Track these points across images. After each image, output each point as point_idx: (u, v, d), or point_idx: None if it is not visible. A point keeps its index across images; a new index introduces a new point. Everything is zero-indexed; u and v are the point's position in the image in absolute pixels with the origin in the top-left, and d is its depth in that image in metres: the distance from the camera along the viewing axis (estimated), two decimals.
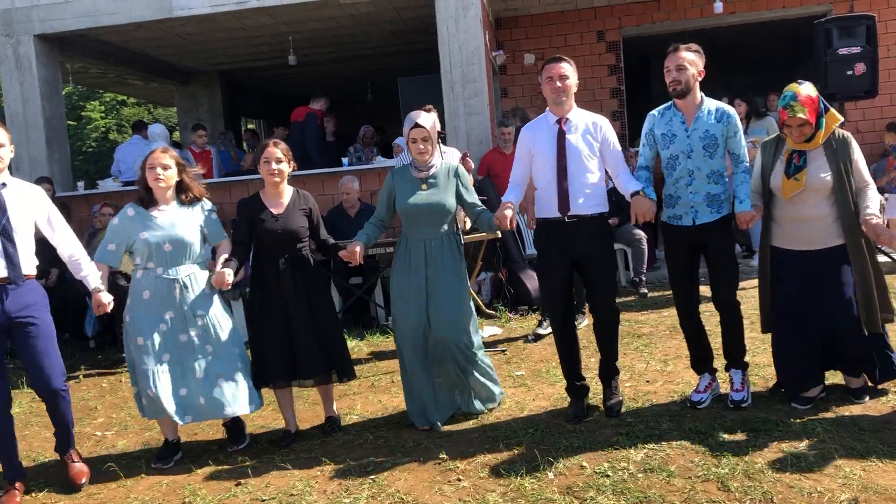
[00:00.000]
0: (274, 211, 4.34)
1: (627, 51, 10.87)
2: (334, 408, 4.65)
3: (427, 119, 4.38)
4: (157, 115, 28.64)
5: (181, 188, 4.26)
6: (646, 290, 7.65)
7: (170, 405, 4.06)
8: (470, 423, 4.47)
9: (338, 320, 4.53)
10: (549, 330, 6.16)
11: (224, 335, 4.23)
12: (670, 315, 6.62)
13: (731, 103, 8.05)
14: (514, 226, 4.24)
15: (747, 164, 4.30)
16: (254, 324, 4.42)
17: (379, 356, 6.31)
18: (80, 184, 9.54)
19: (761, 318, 4.48)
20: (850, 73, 6.67)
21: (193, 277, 4.20)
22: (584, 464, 3.75)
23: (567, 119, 4.29)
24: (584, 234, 4.25)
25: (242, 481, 3.91)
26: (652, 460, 3.72)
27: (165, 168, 4.16)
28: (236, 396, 4.19)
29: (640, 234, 7.82)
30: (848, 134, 4.18)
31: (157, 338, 4.09)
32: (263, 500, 3.67)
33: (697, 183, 4.25)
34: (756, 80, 13.84)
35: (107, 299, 4.00)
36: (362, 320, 7.54)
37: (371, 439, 4.35)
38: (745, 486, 3.39)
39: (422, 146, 4.36)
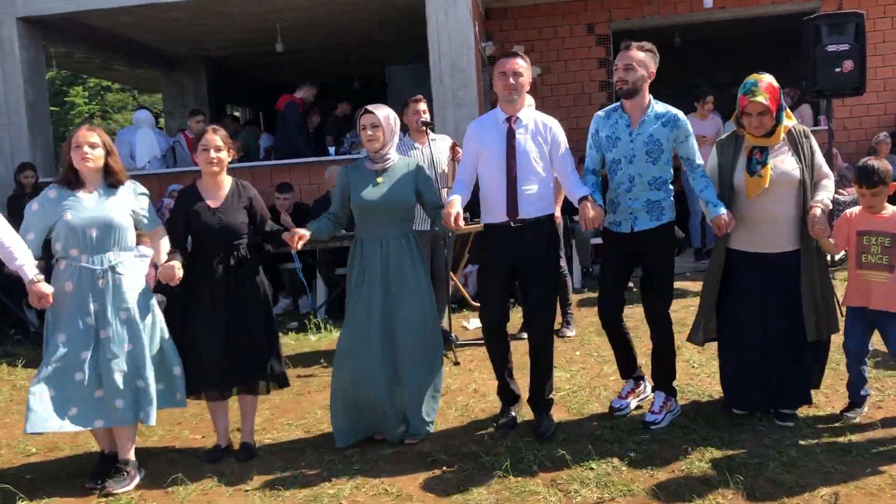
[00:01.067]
0: (211, 204, 3.99)
1: (617, 44, 10.84)
2: (252, 430, 4.20)
3: (381, 109, 4.13)
4: (141, 102, 28.37)
5: (108, 171, 3.85)
6: (631, 284, 7.65)
7: (55, 422, 3.59)
8: (454, 416, 4.47)
9: (274, 323, 4.15)
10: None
11: (149, 333, 3.83)
12: None
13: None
14: (461, 224, 3.93)
15: (703, 166, 4.11)
16: (184, 325, 4.00)
17: None
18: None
19: (694, 325, 4.22)
20: (838, 70, 6.67)
21: (121, 266, 3.79)
22: (568, 456, 3.75)
23: (517, 118, 4.07)
24: (528, 239, 4.04)
25: (226, 472, 3.88)
26: (636, 453, 3.73)
27: (93, 146, 3.77)
28: (154, 400, 3.78)
29: None
30: (806, 128, 4.05)
31: (80, 334, 3.69)
32: (247, 492, 3.65)
33: (637, 189, 4.05)
34: (744, 76, 13.86)
35: (48, 290, 3.65)
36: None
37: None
38: (727, 479, 3.40)
39: (370, 132, 4.07)
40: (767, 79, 3.92)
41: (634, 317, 6.48)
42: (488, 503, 3.40)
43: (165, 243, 3.98)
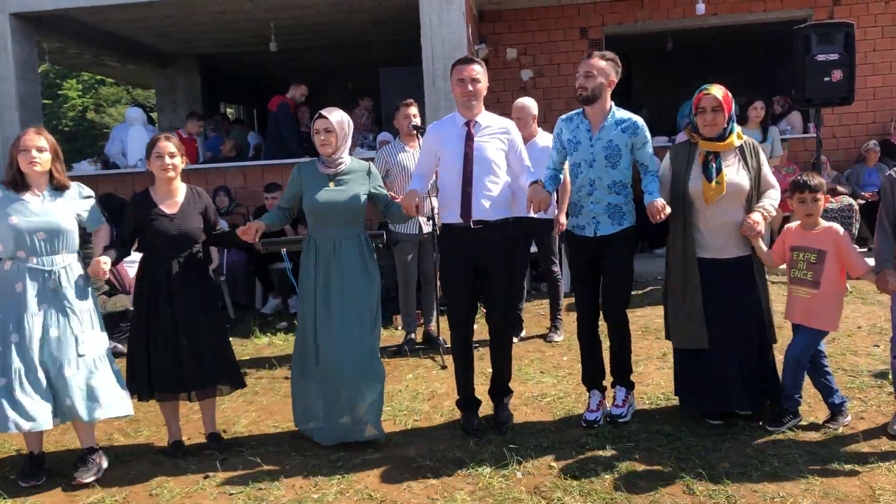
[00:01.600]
0: (167, 210, 4.06)
1: (609, 48, 10.85)
2: (214, 420, 4.32)
3: (335, 113, 4.20)
4: (135, 96, 28.29)
5: (53, 174, 3.90)
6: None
7: (23, 421, 3.68)
8: (440, 421, 4.49)
9: (225, 328, 4.28)
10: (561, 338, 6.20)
11: (96, 332, 3.93)
12: (643, 315, 6.68)
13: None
14: (422, 213, 4.19)
15: (657, 172, 4.21)
16: (139, 329, 4.07)
17: None
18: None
19: (679, 332, 4.19)
20: (827, 79, 6.72)
21: (70, 268, 3.89)
22: (553, 464, 3.78)
23: (476, 122, 4.18)
24: (487, 241, 4.13)
25: (211, 474, 3.89)
26: (620, 462, 3.76)
27: (41, 150, 3.82)
28: (109, 398, 3.85)
29: None
30: (756, 143, 4.19)
31: (28, 335, 3.74)
32: (231, 494, 3.66)
33: (598, 193, 4.18)
34: (736, 82, 13.92)
35: None
36: None
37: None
38: (709, 489, 3.43)
39: (322, 137, 4.14)
40: (719, 85, 4.07)
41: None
42: None
43: (105, 241, 4.09)
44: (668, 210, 3.99)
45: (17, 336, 3.75)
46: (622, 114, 4.23)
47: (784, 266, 4.24)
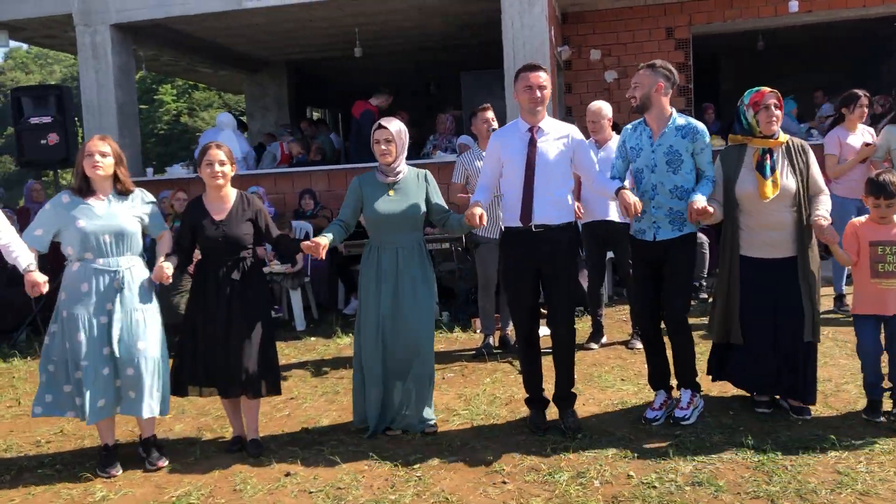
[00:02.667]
0: (215, 217, 4.18)
1: (697, 48, 10.65)
2: (257, 427, 4.38)
3: (394, 124, 4.33)
4: (227, 100, 29.24)
5: (116, 179, 4.09)
6: (706, 295, 7.52)
7: (93, 413, 3.94)
8: (518, 426, 4.47)
9: (272, 334, 4.33)
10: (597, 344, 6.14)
11: (156, 333, 4.09)
12: None
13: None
14: (484, 223, 4.18)
15: (712, 177, 4.29)
16: (194, 331, 4.21)
17: None
18: (150, 170, 9.84)
19: (716, 328, 4.42)
20: None
21: (133, 270, 4.08)
22: (632, 473, 3.72)
23: (539, 128, 4.22)
24: (548, 245, 4.18)
25: (292, 472, 3.98)
26: (701, 473, 3.67)
27: (104, 155, 4.00)
28: (159, 396, 4.08)
29: (703, 237, 7.66)
30: (805, 142, 4.26)
31: (96, 333, 3.95)
32: (311, 493, 3.74)
33: (660, 198, 4.26)
34: (830, 81, 13.39)
35: (41, 279, 3.94)
36: None
37: (419, 436, 4.38)
38: None
39: (384, 147, 4.29)
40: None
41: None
42: None
43: (167, 247, 4.22)
44: (709, 210, 4.07)
45: (84, 334, 3.94)
46: (683, 120, 4.31)
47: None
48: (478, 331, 6.62)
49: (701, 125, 4.29)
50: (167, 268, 4.02)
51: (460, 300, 7.54)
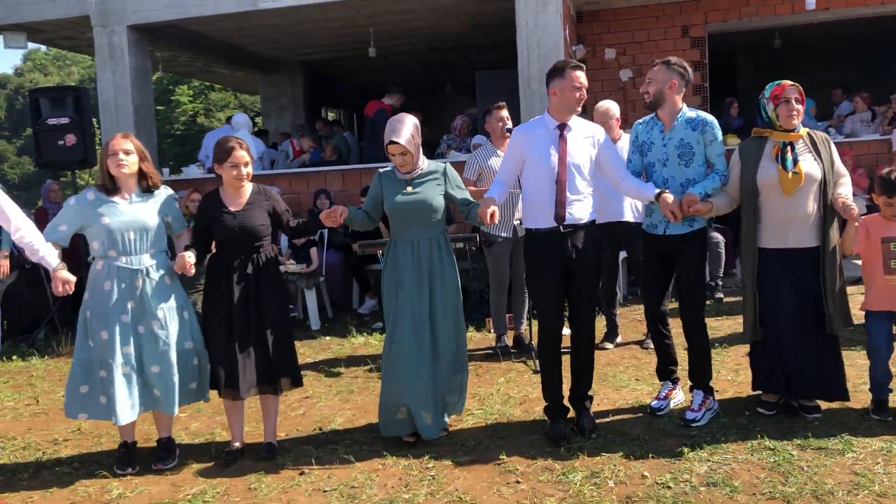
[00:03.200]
0: (232, 208, 4.15)
1: (713, 46, 10.59)
2: (275, 430, 4.33)
3: (404, 133, 4.18)
4: (242, 101, 29.37)
5: (142, 175, 4.09)
6: (721, 295, 7.48)
7: (123, 412, 3.93)
8: (532, 426, 4.46)
9: (290, 327, 4.32)
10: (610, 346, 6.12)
11: (179, 327, 4.08)
12: None
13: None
14: (496, 221, 4.16)
15: (722, 171, 4.30)
16: (210, 325, 4.18)
17: None
18: (166, 170, 9.89)
19: (745, 327, 4.38)
20: None
21: (155, 267, 4.06)
22: (646, 473, 3.71)
23: (568, 125, 4.19)
24: (576, 242, 4.16)
25: (306, 470, 4.00)
26: (716, 474, 3.65)
27: (128, 153, 4.01)
28: (186, 392, 4.10)
29: (718, 237, 7.62)
30: (825, 134, 4.29)
31: (118, 331, 3.94)
32: (325, 491, 3.75)
33: (672, 192, 4.23)
34: (848, 79, 13.29)
35: (70, 277, 3.95)
36: None
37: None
38: None
39: (400, 160, 4.24)
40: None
41: (723, 329, 6.33)
42: None
43: (186, 243, 4.20)
44: (700, 209, 4.12)
45: (107, 333, 3.94)
46: (692, 113, 4.34)
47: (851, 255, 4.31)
48: (491, 330, 6.61)
49: (710, 117, 4.31)
50: (189, 257, 3.98)
51: (474, 300, 7.54)
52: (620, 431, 4.27)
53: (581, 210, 4.16)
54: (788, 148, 4.12)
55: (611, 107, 5.94)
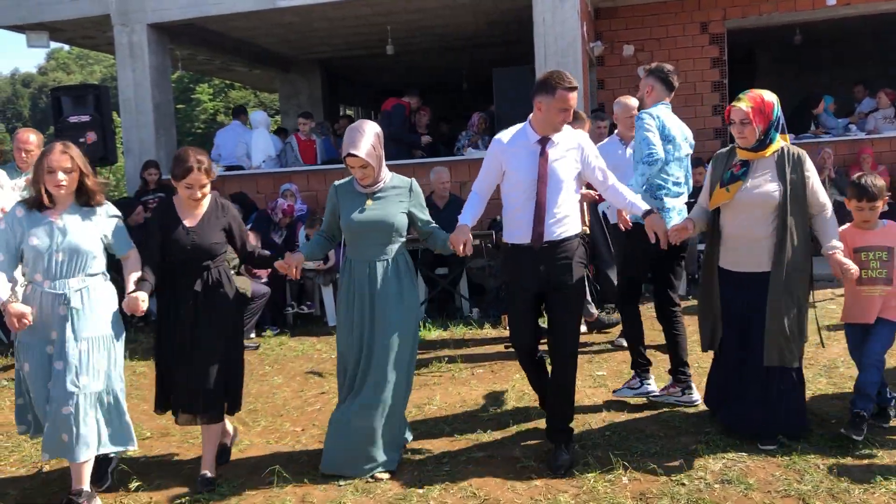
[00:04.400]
0: (187, 223, 3.85)
1: (732, 43, 10.52)
2: (213, 459, 3.96)
3: (363, 145, 3.82)
4: (262, 99, 29.53)
5: (82, 191, 3.68)
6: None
7: (46, 449, 3.57)
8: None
9: (241, 349, 4.06)
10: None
11: (105, 363, 3.65)
12: None
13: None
14: (469, 253, 3.89)
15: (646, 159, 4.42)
16: (162, 344, 3.91)
17: (460, 346, 6.35)
18: None
19: (702, 335, 4.21)
20: None
21: (86, 293, 3.64)
22: (660, 470, 3.70)
23: (550, 140, 3.87)
24: (554, 261, 3.87)
25: (321, 466, 4.02)
26: (730, 471, 3.64)
27: (67, 171, 3.60)
28: (103, 434, 3.65)
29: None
30: (803, 152, 3.92)
31: (39, 364, 3.58)
32: (340, 486, 3.78)
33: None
34: (870, 75, 13.15)
35: (24, 309, 3.50)
36: (446, 311, 7.62)
37: (448, 431, 4.41)
38: None
39: (360, 173, 3.89)
40: (759, 92, 3.94)
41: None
42: None
43: (135, 269, 3.84)
44: (683, 234, 4.08)
45: (28, 365, 3.61)
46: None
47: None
48: (507, 327, 6.61)
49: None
50: (141, 299, 3.61)
51: (490, 296, 7.55)
52: (635, 429, 4.26)
53: (562, 227, 3.89)
54: (737, 164, 3.94)
55: (632, 104, 5.74)
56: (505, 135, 4.00)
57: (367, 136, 3.86)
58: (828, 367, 5.09)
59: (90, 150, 8.23)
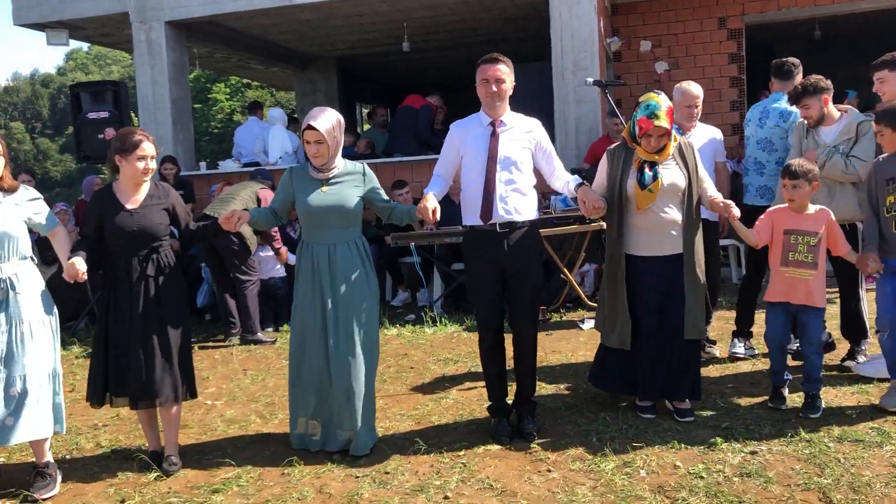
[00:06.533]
0: (128, 206, 3.86)
1: (750, 38, 10.45)
2: (175, 442, 4.03)
3: (324, 121, 3.95)
4: (279, 98, 29.65)
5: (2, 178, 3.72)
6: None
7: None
8: (564, 416, 4.45)
9: (188, 333, 4.05)
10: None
11: (42, 344, 3.74)
12: None
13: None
14: (437, 218, 3.95)
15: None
16: (99, 330, 3.93)
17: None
18: (203, 164, 10.04)
19: (608, 334, 4.34)
20: None
21: (18, 277, 3.71)
22: (678, 463, 3.68)
23: (501, 121, 4.06)
24: (512, 244, 4.00)
25: (338, 457, 4.03)
26: (749, 464, 3.61)
27: None
28: (43, 418, 3.71)
29: None
30: (689, 141, 4.31)
31: None
32: (357, 477, 3.78)
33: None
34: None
35: None
36: (462, 306, 7.61)
37: (465, 423, 4.41)
38: (849, 498, 3.24)
39: (314, 149, 3.95)
40: (665, 102, 4.10)
41: (759, 322, 6.25)
42: None
43: (65, 243, 3.91)
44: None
45: None
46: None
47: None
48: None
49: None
50: (79, 263, 3.69)
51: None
52: (653, 422, 4.24)
53: (516, 208, 4.01)
54: (647, 165, 4.09)
55: (694, 90, 5.23)
56: (460, 122, 4.22)
57: (329, 116, 3.98)
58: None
59: (108, 147, 8.32)
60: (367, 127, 13.54)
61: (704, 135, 5.28)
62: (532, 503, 3.44)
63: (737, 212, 4.03)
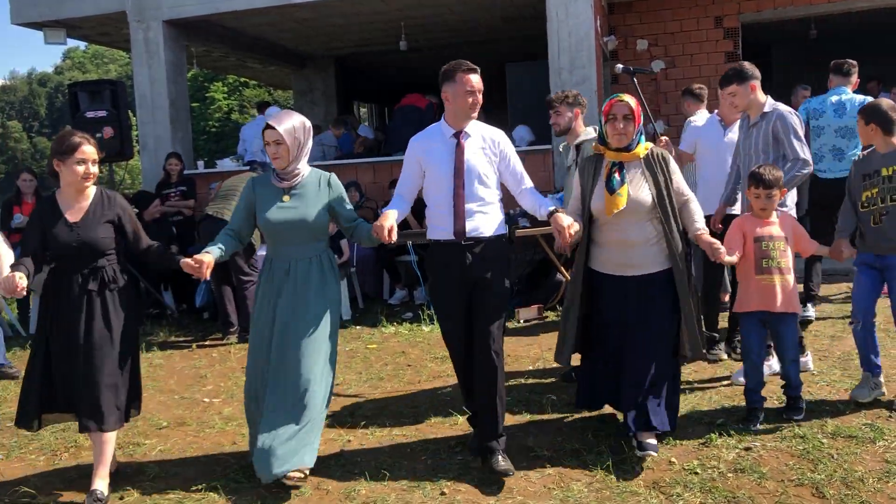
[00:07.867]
0: (70, 218, 3.63)
1: (746, 37, 10.47)
2: (107, 472, 3.67)
3: (285, 122, 3.79)
4: (277, 97, 29.65)
5: None
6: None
7: None
8: (559, 414, 4.48)
9: (135, 350, 3.82)
10: None
11: None
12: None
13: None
14: (394, 239, 3.67)
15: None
16: (37, 348, 3.69)
17: None
18: (201, 163, 10.05)
19: (563, 348, 4.05)
20: None
21: None
22: (673, 459, 3.71)
23: (465, 132, 3.84)
24: (479, 258, 3.78)
25: (336, 454, 4.06)
26: (744, 460, 3.64)
27: None
28: None
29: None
30: (666, 153, 3.98)
31: None
32: (355, 473, 3.81)
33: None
34: (889, 70, 13.05)
35: None
36: None
37: (462, 421, 4.42)
38: (842, 493, 3.27)
39: (273, 150, 3.77)
40: (633, 98, 3.87)
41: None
42: (588, 501, 3.41)
43: (6, 253, 3.71)
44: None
45: None
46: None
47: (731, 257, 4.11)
48: (521, 320, 6.64)
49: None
50: (20, 279, 3.45)
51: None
52: None
53: (484, 222, 3.80)
54: (616, 169, 3.83)
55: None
56: (420, 135, 3.99)
57: (293, 120, 3.82)
58: (842, 359, 5.07)
59: (107, 146, 8.34)
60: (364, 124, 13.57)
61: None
62: (528, 499, 3.47)
63: (723, 252, 3.86)
